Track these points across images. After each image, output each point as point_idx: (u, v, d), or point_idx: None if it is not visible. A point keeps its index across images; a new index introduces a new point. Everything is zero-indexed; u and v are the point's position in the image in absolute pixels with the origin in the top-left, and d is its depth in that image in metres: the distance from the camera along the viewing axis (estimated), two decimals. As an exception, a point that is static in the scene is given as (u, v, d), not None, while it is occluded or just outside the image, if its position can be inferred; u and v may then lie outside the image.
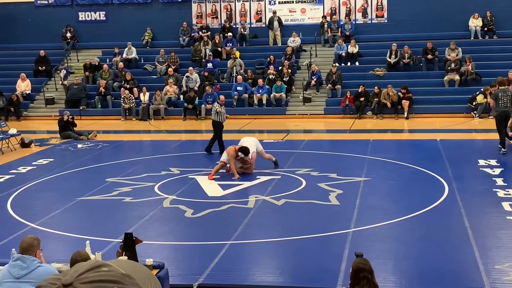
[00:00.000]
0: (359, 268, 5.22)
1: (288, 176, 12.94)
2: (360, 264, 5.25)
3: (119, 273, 1.27)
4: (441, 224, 9.45)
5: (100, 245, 8.13)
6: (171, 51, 25.60)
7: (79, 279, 1.24)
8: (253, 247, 8.74)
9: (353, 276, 5.28)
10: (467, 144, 16.59)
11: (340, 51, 24.70)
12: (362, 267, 5.21)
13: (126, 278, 1.27)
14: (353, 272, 5.28)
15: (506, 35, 24.68)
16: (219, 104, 15.62)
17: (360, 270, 5.21)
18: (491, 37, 24.95)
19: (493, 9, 24.90)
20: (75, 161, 15.15)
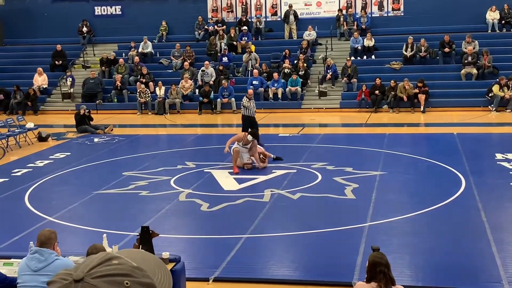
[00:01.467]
0: (375, 262, 5.21)
1: (304, 170, 12.92)
2: (377, 258, 5.24)
3: (130, 266, 1.28)
4: (458, 219, 9.39)
5: (117, 238, 8.18)
6: (187, 45, 25.63)
7: (90, 273, 1.25)
8: (269, 241, 8.75)
9: (369, 270, 5.26)
10: (484, 138, 16.46)
11: (356, 44, 24.58)
12: (379, 261, 5.19)
13: (136, 270, 1.28)
14: (369, 266, 5.27)
15: (524, 27, 24.41)
16: (247, 98, 15.46)
17: (377, 264, 5.19)
18: (509, 30, 24.70)
19: (510, 1, 24.63)
20: (92, 155, 15.24)
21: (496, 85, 20.83)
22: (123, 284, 1.24)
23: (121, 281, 1.24)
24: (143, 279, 1.28)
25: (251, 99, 15.58)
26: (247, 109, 15.27)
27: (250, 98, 15.55)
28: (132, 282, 1.25)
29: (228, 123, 21.13)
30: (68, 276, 1.25)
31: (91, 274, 1.25)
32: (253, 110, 15.38)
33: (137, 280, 1.26)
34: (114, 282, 1.24)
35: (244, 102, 15.38)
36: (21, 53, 28.21)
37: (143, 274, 1.29)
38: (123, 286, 1.24)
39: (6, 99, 24.07)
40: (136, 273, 1.27)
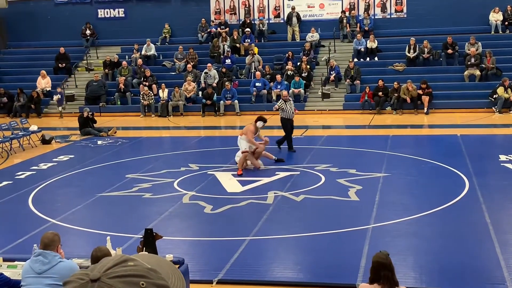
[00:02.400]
0: (379, 264, 5.20)
1: (307, 172, 12.91)
2: (381, 259, 5.21)
3: (145, 267, 1.29)
4: (462, 220, 9.37)
5: (121, 240, 8.19)
6: (190, 47, 25.66)
7: (107, 274, 1.26)
8: (273, 243, 8.75)
9: (373, 271, 5.25)
10: (487, 139, 16.44)
11: (359, 46, 24.58)
12: (383, 262, 5.18)
13: (152, 272, 1.29)
14: (373, 267, 5.26)
15: (528, 29, 24.37)
16: (282, 100, 15.21)
17: (381, 266, 5.18)
18: (512, 31, 24.68)
19: (514, 2, 24.61)
20: (95, 158, 15.26)
21: (501, 86, 20.81)
22: (139, 284, 1.26)
23: (137, 282, 1.26)
24: (158, 281, 1.29)
25: (287, 100, 15.21)
26: (284, 111, 14.92)
27: (286, 99, 15.19)
28: (147, 283, 1.27)
29: (231, 125, 21.14)
30: (85, 276, 1.27)
31: (108, 274, 1.26)
32: (290, 111, 14.97)
33: (152, 281, 1.28)
34: (130, 282, 1.26)
35: (280, 104, 15.06)
36: (25, 56, 28.30)
37: (158, 276, 1.30)
38: (139, 286, 1.26)
39: (10, 102, 24.11)
40: (152, 274, 1.29)
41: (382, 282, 5.14)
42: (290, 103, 15.23)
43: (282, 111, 14.97)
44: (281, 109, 14.97)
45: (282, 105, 15.00)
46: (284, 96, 15.43)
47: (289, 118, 14.97)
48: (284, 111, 14.93)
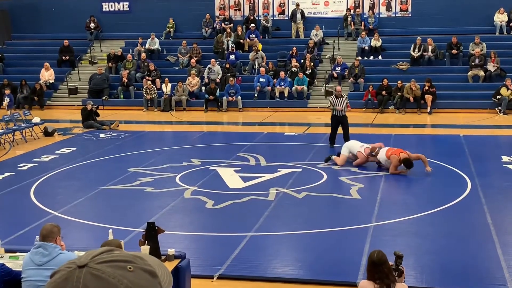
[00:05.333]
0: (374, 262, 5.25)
1: (309, 169, 12.91)
2: (375, 258, 5.28)
3: (132, 254, 1.32)
4: (463, 220, 9.37)
5: (122, 234, 8.20)
6: (194, 42, 25.64)
7: (94, 260, 1.28)
8: (274, 240, 8.75)
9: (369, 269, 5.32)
10: (490, 140, 16.43)
11: (363, 44, 24.54)
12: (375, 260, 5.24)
13: (138, 259, 1.31)
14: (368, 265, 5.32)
15: (533, 30, 24.33)
16: (334, 96, 14.75)
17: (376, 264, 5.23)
18: (517, 32, 24.62)
19: (519, 4, 24.55)
20: (98, 151, 15.27)
21: (503, 87, 20.80)
22: (126, 268, 1.28)
23: (124, 266, 1.28)
24: (146, 266, 1.31)
25: (339, 96, 14.66)
26: (335, 109, 14.51)
27: (338, 95, 14.70)
28: (134, 267, 1.29)
29: (233, 121, 21.14)
30: (72, 264, 1.29)
31: (95, 260, 1.28)
32: (339, 109, 14.48)
33: (139, 266, 1.30)
34: (117, 266, 1.27)
35: (333, 100, 14.58)
36: (28, 48, 28.29)
37: (145, 262, 1.32)
38: (126, 270, 1.28)
39: (13, 93, 24.11)
40: (138, 260, 1.31)
41: (378, 281, 5.19)
42: (342, 99, 14.67)
43: (333, 109, 14.54)
44: (333, 107, 14.51)
45: (333, 103, 14.48)
46: (338, 91, 14.93)
47: (339, 115, 14.54)
48: (335, 109, 14.49)
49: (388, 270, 5.23)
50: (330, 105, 14.72)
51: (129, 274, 1.26)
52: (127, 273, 1.26)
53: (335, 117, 14.71)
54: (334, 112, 14.65)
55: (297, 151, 14.92)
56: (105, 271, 1.25)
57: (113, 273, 1.25)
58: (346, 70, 23.36)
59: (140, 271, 1.29)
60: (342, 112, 14.61)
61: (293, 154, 14.42)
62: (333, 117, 14.77)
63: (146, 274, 1.29)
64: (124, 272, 1.26)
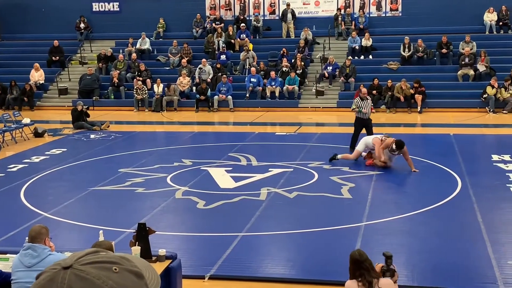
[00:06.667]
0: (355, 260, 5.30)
1: (301, 169, 12.92)
2: (356, 256, 5.33)
3: (117, 255, 1.31)
4: (454, 219, 9.41)
5: (113, 235, 8.18)
6: (184, 42, 25.61)
7: (79, 261, 1.28)
8: (265, 239, 8.75)
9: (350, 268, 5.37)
10: (480, 139, 16.50)
11: (353, 44, 24.59)
12: (358, 259, 5.28)
13: (124, 260, 1.30)
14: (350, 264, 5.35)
15: (522, 29, 24.45)
16: (359, 98, 14.43)
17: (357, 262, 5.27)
18: (506, 32, 24.75)
19: (508, 3, 24.67)
20: (88, 151, 15.22)
21: (489, 86, 20.94)
22: (112, 269, 1.27)
23: (110, 267, 1.27)
24: (132, 268, 1.30)
25: (364, 99, 14.30)
26: (361, 112, 14.19)
27: (364, 98, 14.33)
28: (120, 269, 1.28)
29: (225, 121, 21.13)
30: (57, 265, 1.28)
31: (80, 261, 1.28)
32: (368, 111, 14.20)
33: (125, 267, 1.29)
34: (102, 267, 1.27)
35: (357, 102, 14.28)
36: (18, 49, 28.17)
37: (131, 264, 1.31)
38: (112, 271, 1.27)
39: (3, 94, 24.00)
40: (124, 262, 1.30)
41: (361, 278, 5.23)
42: (367, 102, 14.39)
43: (359, 111, 14.24)
44: (358, 109, 14.21)
45: (358, 105, 14.20)
46: (364, 93, 14.63)
47: (365, 118, 14.26)
48: (361, 111, 14.21)
49: (370, 267, 5.26)
50: (355, 107, 14.39)
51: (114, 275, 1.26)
52: (112, 274, 1.26)
53: (361, 120, 14.35)
54: (359, 114, 14.32)
55: (288, 151, 14.93)
56: (90, 272, 1.25)
57: (98, 274, 1.24)
58: (337, 69, 23.40)
59: (126, 272, 1.28)
60: (367, 115, 14.36)
61: (284, 154, 14.43)
62: (358, 119, 14.40)
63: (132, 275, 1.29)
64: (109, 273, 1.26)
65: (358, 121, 14.45)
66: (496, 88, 20.89)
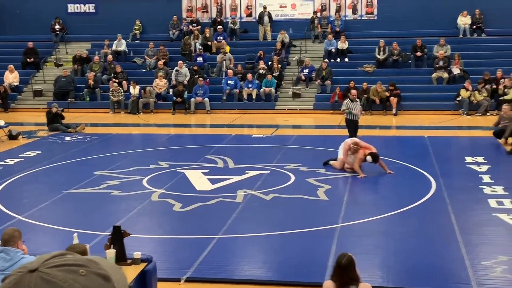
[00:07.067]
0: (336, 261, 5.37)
1: (277, 171, 12.96)
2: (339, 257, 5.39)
3: (84, 258, 1.30)
4: (428, 220, 9.51)
5: (88, 237, 8.12)
6: (161, 44, 25.52)
7: (45, 264, 1.27)
8: (242, 242, 8.76)
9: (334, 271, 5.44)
10: (454, 141, 16.71)
11: (330, 47, 24.74)
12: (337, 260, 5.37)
13: (92, 263, 1.30)
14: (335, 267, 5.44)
15: (495, 33, 24.82)
16: (349, 100, 14.53)
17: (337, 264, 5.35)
18: (480, 35, 25.09)
19: (482, 7, 25.02)
20: (63, 154, 15.09)
21: (463, 89, 21.23)
22: (78, 272, 1.26)
23: (76, 270, 1.26)
24: (99, 271, 1.29)
25: (354, 100, 14.53)
26: (351, 113, 14.31)
27: (353, 99, 14.60)
28: (87, 272, 1.27)
29: (201, 123, 21.11)
30: (23, 268, 1.27)
31: (46, 264, 1.27)
32: (358, 112, 14.34)
33: (92, 270, 1.28)
34: (69, 270, 1.26)
35: (347, 103, 14.37)
36: (-8, 50, 27.82)
37: (98, 266, 1.30)
38: (78, 274, 1.26)
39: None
40: (92, 264, 1.29)
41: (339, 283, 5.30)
42: (357, 103, 14.54)
43: (349, 113, 14.33)
44: (349, 111, 14.28)
45: (348, 106, 14.30)
46: (353, 95, 14.72)
47: (350, 118, 14.40)
48: (351, 112, 14.32)
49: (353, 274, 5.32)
50: (345, 108, 14.45)
51: (81, 279, 1.25)
52: (79, 277, 1.25)
53: (351, 121, 14.45)
54: (349, 116, 14.41)
55: (265, 153, 14.97)
56: (56, 275, 1.24)
57: (64, 277, 1.24)
58: (314, 72, 23.52)
59: (93, 275, 1.28)
60: (357, 116, 14.46)
61: (261, 156, 14.47)
62: (348, 121, 14.52)
63: (99, 278, 1.28)
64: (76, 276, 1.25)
65: (348, 123, 14.54)
66: (470, 90, 21.18)
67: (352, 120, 14.43)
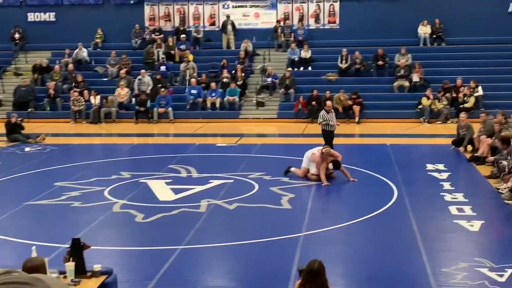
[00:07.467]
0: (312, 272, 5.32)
1: (241, 180, 12.93)
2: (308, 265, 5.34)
3: (30, 276, 1.27)
4: (390, 228, 9.59)
5: (47, 250, 7.95)
6: (123, 53, 25.32)
7: None
8: (205, 252, 8.69)
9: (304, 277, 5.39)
10: (415, 149, 16.92)
11: (293, 55, 24.88)
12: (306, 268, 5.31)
13: (37, 281, 1.26)
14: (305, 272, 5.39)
15: (454, 42, 25.32)
16: (325, 111, 14.61)
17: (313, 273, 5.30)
18: (440, 44, 25.54)
19: (441, 17, 25.50)
20: (23, 165, 14.80)
21: (424, 97, 21.58)
22: None
23: None
24: None
25: (330, 111, 14.66)
26: (328, 124, 14.36)
27: (329, 110, 14.62)
28: None
29: (165, 132, 20.97)
30: None
31: None
32: (334, 123, 14.44)
33: None
34: None
35: (324, 115, 14.41)
36: (-51, 59, 27.20)
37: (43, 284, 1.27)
38: None
39: None
40: (37, 283, 1.27)
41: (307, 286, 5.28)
42: (333, 114, 14.65)
43: (326, 124, 14.40)
44: (325, 121, 14.37)
45: (325, 118, 14.39)
46: (328, 106, 14.82)
47: (332, 130, 14.47)
48: (328, 124, 14.40)
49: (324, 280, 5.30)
50: (322, 120, 14.54)
51: None
52: None
53: (327, 132, 14.56)
54: (326, 127, 14.51)
55: (229, 162, 14.92)
56: None
57: None
58: (277, 81, 23.61)
59: None
60: (334, 127, 14.56)
61: (225, 165, 14.42)
62: (324, 132, 14.61)
63: None
64: None
65: (325, 133, 14.63)
66: (431, 99, 21.52)
67: (329, 131, 14.57)
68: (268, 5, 26.84)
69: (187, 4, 27.21)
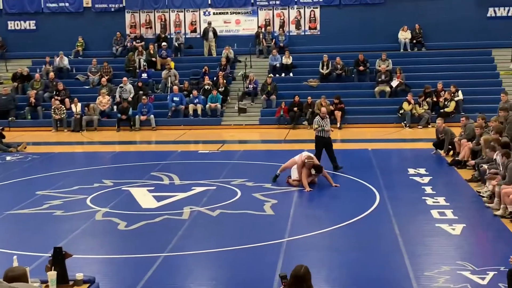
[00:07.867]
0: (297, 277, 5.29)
1: (223, 186, 12.93)
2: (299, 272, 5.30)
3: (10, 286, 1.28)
4: (373, 232, 9.64)
5: (29, 260, 7.89)
6: (104, 61, 25.22)
7: None
8: (188, 259, 8.67)
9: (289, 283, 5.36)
10: (397, 153, 17.04)
11: (274, 62, 24.96)
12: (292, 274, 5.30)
13: None
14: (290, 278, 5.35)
15: (434, 47, 25.57)
16: (320, 117, 14.44)
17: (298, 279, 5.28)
18: (420, 49, 25.77)
19: (421, 22, 25.74)
20: (4, 174, 14.68)
21: (405, 102, 21.75)
22: None
23: None
24: None
25: (324, 117, 14.39)
26: (323, 130, 14.18)
27: (324, 117, 14.40)
28: None
29: (147, 140, 20.91)
30: None
31: None
32: (324, 130, 14.20)
33: None
34: None
35: (318, 121, 14.26)
36: None
37: None
38: None
39: None
40: None
41: None
42: (327, 120, 14.50)
43: (321, 130, 14.24)
44: (319, 127, 14.20)
45: (320, 124, 14.23)
46: (323, 113, 14.63)
47: (326, 136, 14.32)
48: (323, 130, 14.23)
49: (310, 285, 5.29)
50: (317, 126, 14.39)
51: None
52: None
53: (321, 138, 14.38)
54: (320, 133, 14.36)
55: (211, 168, 14.91)
56: None
57: None
58: (259, 87, 23.66)
59: None
60: (328, 133, 14.44)
61: (207, 172, 14.40)
62: (318, 138, 14.42)
63: None
64: None
65: (318, 140, 14.45)
66: (412, 104, 21.69)
67: (323, 137, 14.43)
68: (249, 12, 26.92)
69: (168, 11, 27.20)
